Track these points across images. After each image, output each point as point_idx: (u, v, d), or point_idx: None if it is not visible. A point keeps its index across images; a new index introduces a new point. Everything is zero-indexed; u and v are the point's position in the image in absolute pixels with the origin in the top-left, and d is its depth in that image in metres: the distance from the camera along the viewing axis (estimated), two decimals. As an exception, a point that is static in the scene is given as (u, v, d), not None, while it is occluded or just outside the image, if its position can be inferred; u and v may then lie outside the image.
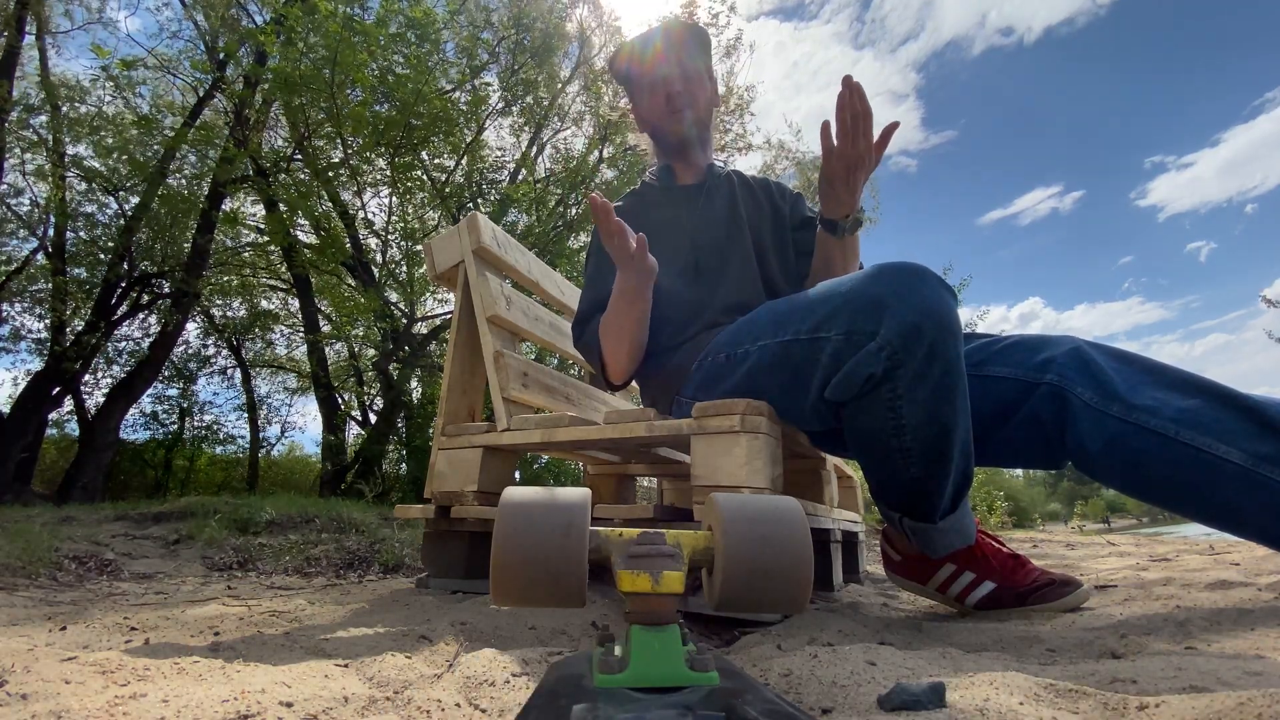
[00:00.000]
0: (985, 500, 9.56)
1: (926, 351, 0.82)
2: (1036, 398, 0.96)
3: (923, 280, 0.84)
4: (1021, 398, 0.98)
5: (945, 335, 0.83)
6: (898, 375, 0.84)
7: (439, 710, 0.49)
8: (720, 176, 1.35)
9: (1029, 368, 0.98)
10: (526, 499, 0.43)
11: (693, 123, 1.30)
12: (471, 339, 1.41)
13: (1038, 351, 0.98)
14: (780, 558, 0.42)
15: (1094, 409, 0.89)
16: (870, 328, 0.84)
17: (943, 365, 0.83)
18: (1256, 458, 0.78)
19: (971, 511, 1.03)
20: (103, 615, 1.05)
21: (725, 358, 1.06)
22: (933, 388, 0.84)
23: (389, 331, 6.19)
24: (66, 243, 6.76)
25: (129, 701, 0.45)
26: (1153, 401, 0.85)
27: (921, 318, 0.81)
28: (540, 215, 6.55)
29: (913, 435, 0.87)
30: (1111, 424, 0.87)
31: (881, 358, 0.83)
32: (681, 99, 1.27)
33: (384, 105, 5.52)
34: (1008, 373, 1.00)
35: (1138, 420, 0.85)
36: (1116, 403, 0.87)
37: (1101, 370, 0.91)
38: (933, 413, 0.86)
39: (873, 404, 0.88)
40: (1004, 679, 0.50)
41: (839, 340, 0.87)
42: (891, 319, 0.82)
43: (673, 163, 1.37)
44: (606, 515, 1.14)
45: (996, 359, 1.02)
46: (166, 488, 8.24)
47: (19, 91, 6.44)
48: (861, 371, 0.85)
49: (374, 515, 2.70)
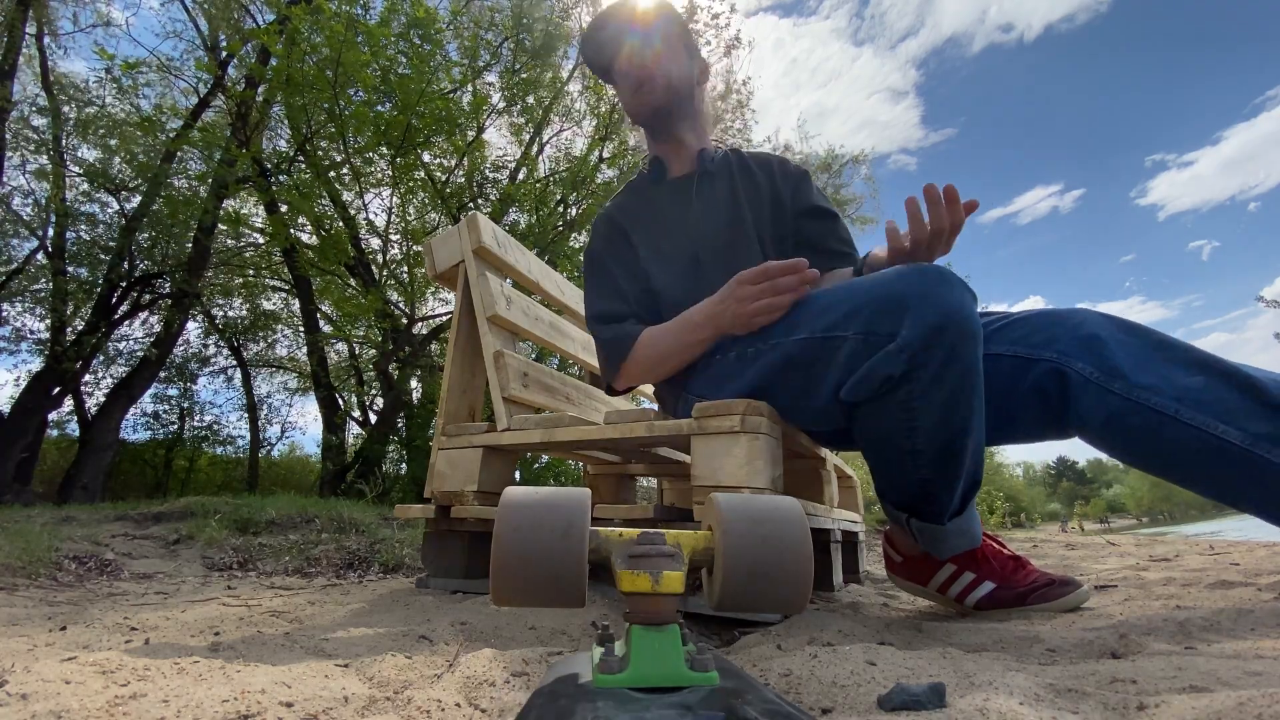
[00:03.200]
0: (985, 500, 9.56)
1: (946, 354, 0.81)
2: (1037, 373, 0.96)
3: (946, 283, 0.83)
4: (1022, 373, 0.97)
5: (966, 338, 0.82)
6: (916, 377, 0.83)
7: (439, 710, 0.49)
8: (716, 161, 1.27)
9: (1031, 345, 0.97)
10: (526, 499, 0.43)
11: (664, 89, 1.21)
12: (471, 339, 1.41)
13: (1043, 329, 0.98)
14: (780, 558, 0.42)
15: (1095, 385, 0.89)
16: (890, 329, 0.83)
17: (961, 368, 0.83)
18: (1256, 437, 0.78)
19: (978, 515, 1.03)
20: (103, 615, 1.05)
21: (735, 356, 1.04)
22: (950, 391, 0.83)
23: (389, 331, 6.19)
24: (67, 243, 6.77)
25: (129, 701, 0.45)
26: (1156, 379, 0.85)
27: (944, 319, 0.80)
28: (541, 215, 6.55)
29: (925, 437, 0.87)
30: (1113, 400, 0.87)
31: (901, 359, 0.82)
32: (645, 70, 1.21)
33: (386, 105, 5.52)
34: (1008, 350, 0.99)
35: (1139, 398, 0.85)
36: (1119, 380, 0.87)
37: (1105, 345, 0.90)
38: (948, 416, 0.85)
39: (888, 405, 0.87)
40: (1004, 679, 0.50)
41: (856, 340, 0.86)
42: (914, 320, 0.81)
43: (662, 152, 1.30)
44: (606, 515, 1.14)
45: (999, 336, 1.01)
46: (167, 488, 8.25)
47: (21, 93, 6.44)
48: (880, 372, 0.84)
49: (374, 515, 2.70)
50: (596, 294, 1.23)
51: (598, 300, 1.22)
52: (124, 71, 6.04)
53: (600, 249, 1.26)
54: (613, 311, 1.20)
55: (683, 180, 1.28)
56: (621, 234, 1.26)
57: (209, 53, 6.95)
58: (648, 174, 1.31)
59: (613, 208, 1.31)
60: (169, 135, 6.28)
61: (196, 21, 7.00)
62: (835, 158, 10.66)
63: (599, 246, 1.27)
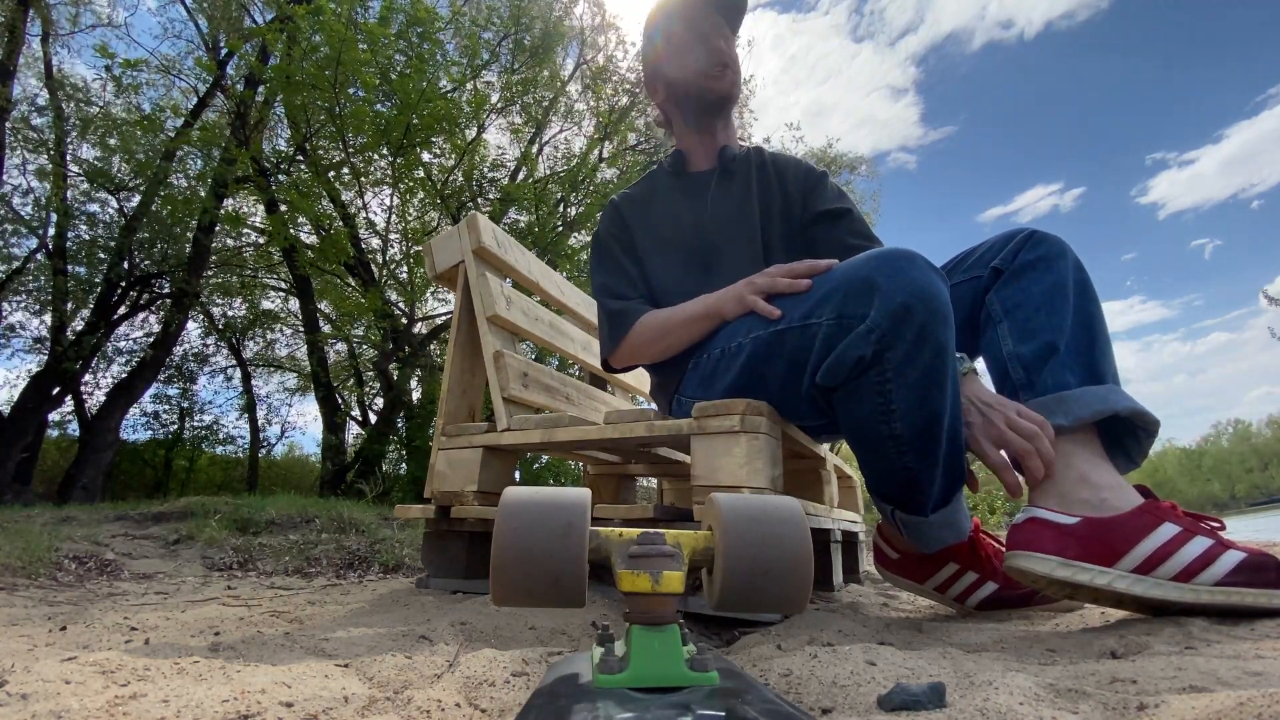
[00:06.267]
0: (985, 500, 9.56)
1: (916, 334, 0.82)
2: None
3: (912, 263, 0.84)
4: (980, 298, 1.02)
5: (935, 318, 0.82)
6: (887, 358, 0.83)
7: (439, 710, 0.49)
8: (737, 160, 1.28)
9: (983, 266, 1.02)
10: (526, 499, 0.43)
11: (736, 77, 1.26)
12: (471, 339, 1.41)
13: (993, 253, 1.02)
14: (780, 558, 0.42)
15: (1006, 354, 0.94)
16: (860, 310, 0.84)
17: (933, 348, 0.83)
18: None
19: (968, 510, 1.02)
20: (103, 615, 1.05)
21: (720, 353, 1.05)
22: (923, 371, 0.84)
23: (389, 331, 6.19)
24: (67, 242, 6.77)
25: (129, 701, 0.45)
26: (1056, 383, 0.89)
27: (911, 299, 0.81)
28: (541, 214, 6.55)
29: (902, 420, 0.87)
30: (1012, 379, 0.93)
31: (871, 340, 0.83)
32: (727, 54, 1.24)
33: (386, 105, 5.52)
34: (964, 277, 1.03)
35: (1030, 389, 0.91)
36: (1021, 369, 0.92)
37: (1032, 318, 0.93)
38: (923, 397, 0.85)
39: (862, 388, 0.87)
40: (1004, 679, 0.50)
41: (830, 325, 0.87)
42: (881, 301, 0.82)
43: (689, 145, 1.31)
44: (606, 515, 1.14)
45: (955, 270, 1.05)
46: (166, 488, 8.25)
47: (22, 93, 6.44)
48: (851, 354, 0.85)
49: (374, 515, 2.70)
50: (605, 271, 1.25)
51: (607, 275, 1.25)
52: (123, 70, 6.04)
53: (607, 235, 1.28)
54: (619, 290, 1.22)
55: (702, 175, 1.29)
56: (625, 227, 1.28)
57: (209, 52, 6.95)
58: (668, 166, 1.32)
59: (622, 199, 1.33)
60: (169, 135, 6.28)
61: (196, 21, 7.00)
62: (832, 160, 10.61)
63: (607, 231, 1.29)
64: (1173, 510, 0.79)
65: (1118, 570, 0.76)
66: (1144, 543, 0.76)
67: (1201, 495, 72.83)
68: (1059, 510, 0.81)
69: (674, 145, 1.36)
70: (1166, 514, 0.78)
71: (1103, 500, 0.80)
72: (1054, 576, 0.77)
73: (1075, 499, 0.81)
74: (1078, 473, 0.83)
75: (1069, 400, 0.86)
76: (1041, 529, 0.80)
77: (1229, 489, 73.73)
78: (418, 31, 5.46)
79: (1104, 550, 0.77)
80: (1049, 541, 0.79)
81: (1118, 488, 0.81)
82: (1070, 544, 0.78)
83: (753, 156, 1.31)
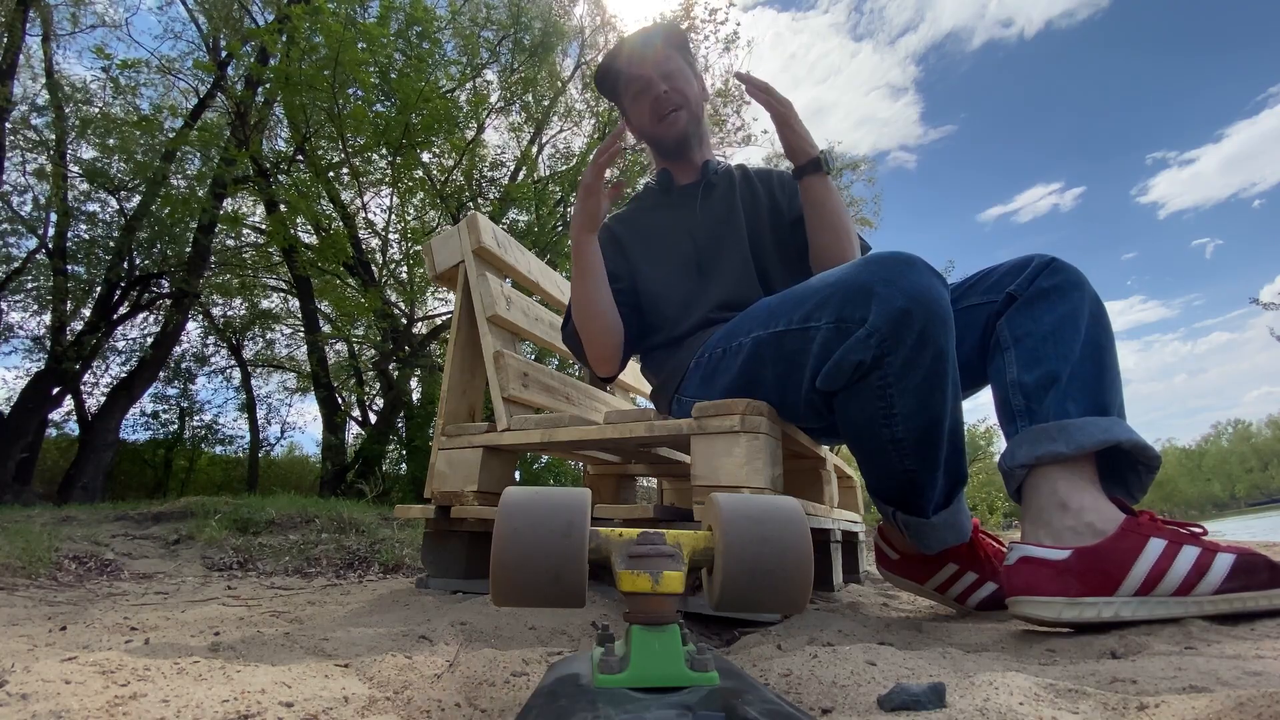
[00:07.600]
0: (986, 500, 9.56)
1: (916, 338, 0.82)
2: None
3: (911, 267, 0.84)
4: (993, 323, 1.00)
5: (935, 322, 0.82)
6: (887, 363, 0.83)
7: (439, 710, 0.49)
8: (719, 172, 1.33)
9: (999, 291, 0.99)
10: (526, 499, 0.43)
11: (688, 121, 1.28)
12: (471, 339, 1.41)
13: (1009, 277, 0.99)
14: (780, 558, 0.42)
15: (1008, 382, 0.92)
16: (859, 315, 0.84)
17: (933, 352, 0.83)
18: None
19: (969, 510, 1.03)
20: (103, 615, 1.05)
21: (721, 352, 1.06)
22: (923, 375, 0.84)
23: (389, 331, 6.19)
24: (67, 242, 6.76)
25: (129, 701, 0.45)
26: (1057, 411, 0.87)
27: (911, 303, 0.81)
28: (540, 214, 6.55)
29: (903, 424, 0.87)
30: (1011, 406, 0.91)
31: (871, 344, 0.83)
32: (669, 100, 1.25)
33: (385, 105, 5.52)
34: (979, 300, 1.01)
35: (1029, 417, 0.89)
36: (1022, 397, 0.90)
37: (1039, 347, 0.91)
38: (924, 400, 0.85)
39: (863, 392, 0.87)
40: (1004, 679, 0.50)
41: (828, 329, 0.87)
42: (880, 305, 0.82)
43: (671, 165, 1.35)
44: (606, 515, 1.14)
45: (970, 291, 1.03)
46: (166, 488, 8.24)
47: (21, 93, 6.44)
48: (851, 359, 0.84)
49: (374, 515, 2.70)
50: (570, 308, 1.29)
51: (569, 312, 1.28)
52: (121, 70, 6.04)
53: None
54: (570, 313, 1.25)
55: (688, 188, 1.33)
56: (614, 244, 1.30)
57: (209, 53, 6.95)
58: (655, 185, 1.36)
59: (612, 221, 1.36)
60: (168, 135, 6.28)
61: (197, 21, 6.99)
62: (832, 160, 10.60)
63: None
64: (1152, 522, 0.79)
65: (1121, 598, 0.76)
66: (1138, 564, 0.76)
67: (1201, 495, 72.84)
68: (1048, 545, 0.81)
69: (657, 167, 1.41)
70: (1149, 528, 0.78)
71: (1086, 524, 0.80)
72: (1063, 619, 0.77)
73: (1061, 528, 0.81)
74: (1058, 499, 0.83)
75: (1071, 429, 0.84)
76: (1038, 569, 0.80)
77: (1229, 489, 73.73)
78: (416, 31, 5.46)
79: (1102, 580, 0.77)
80: (1049, 582, 0.78)
81: (1095, 508, 0.81)
82: (1070, 581, 0.78)
83: (735, 171, 1.37)
